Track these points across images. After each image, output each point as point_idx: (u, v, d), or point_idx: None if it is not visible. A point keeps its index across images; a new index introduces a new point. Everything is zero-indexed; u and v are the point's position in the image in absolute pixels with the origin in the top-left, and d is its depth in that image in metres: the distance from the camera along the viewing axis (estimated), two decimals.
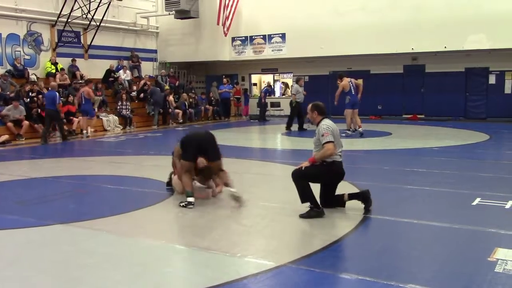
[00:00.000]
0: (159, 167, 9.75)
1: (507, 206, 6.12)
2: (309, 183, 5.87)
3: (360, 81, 14.57)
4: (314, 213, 5.73)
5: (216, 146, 6.62)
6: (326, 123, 5.95)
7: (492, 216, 5.80)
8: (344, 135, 13.61)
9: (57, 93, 14.47)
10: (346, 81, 14.02)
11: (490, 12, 16.84)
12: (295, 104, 16.15)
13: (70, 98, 16.51)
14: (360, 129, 13.94)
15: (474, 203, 6.26)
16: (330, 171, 5.93)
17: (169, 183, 7.40)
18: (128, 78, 20.41)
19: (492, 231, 5.12)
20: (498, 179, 7.88)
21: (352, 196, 6.09)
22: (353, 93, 13.97)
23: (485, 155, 10.91)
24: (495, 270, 4.05)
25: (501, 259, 4.27)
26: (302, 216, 5.73)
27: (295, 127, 16.27)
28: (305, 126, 15.79)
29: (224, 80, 22.25)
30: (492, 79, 19.20)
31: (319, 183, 6.10)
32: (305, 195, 5.81)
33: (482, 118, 19.17)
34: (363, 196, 6.00)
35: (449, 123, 17.90)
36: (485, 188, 7.10)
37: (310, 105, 6.21)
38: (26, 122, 14.85)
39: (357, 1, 19.13)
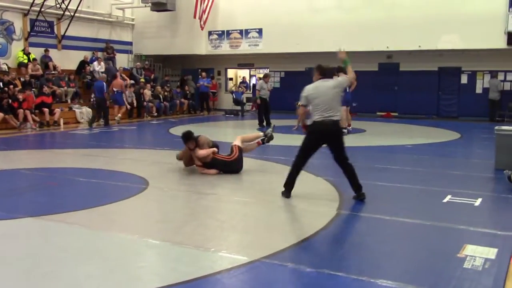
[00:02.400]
0: (133, 160, 9.69)
1: (477, 204, 6.25)
2: (302, 166, 6.41)
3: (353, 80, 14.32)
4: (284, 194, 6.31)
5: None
6: (308, 87, 6.33)
7: (462, 213, 5.92)
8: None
9: (104, 83, 16.49)
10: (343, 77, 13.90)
11: (464, 13, 17.14)
12: (259, 100, 16.16)
13: (45, 89, 16.20)
14: (349, 127, 13.90)
15: (445, 200, 6.38)
16: (311, 132, 6.16)
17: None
18: (103, 70, 20.11)
19: (461, 228, 5.23)
20: (468, 177, 8.04)
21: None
22: (348, 90, 13.89)
23: (456, 154, 11.12)
24: (464, 266, 4.14)
25: (470, 255, 4.36)
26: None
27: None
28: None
29: (203, 73, 22.13)
30: (464, 79, 19.56)
31: (312, 149, 6.37)
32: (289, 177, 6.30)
33: (454, 117, 19.51)
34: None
35: (422, 121, 18.17)
36: (455, 185, 7.24)
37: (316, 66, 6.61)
38: (0, 114, 14.51)
39: None
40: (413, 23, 17.86)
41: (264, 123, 16.11)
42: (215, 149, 7.95)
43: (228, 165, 7.90)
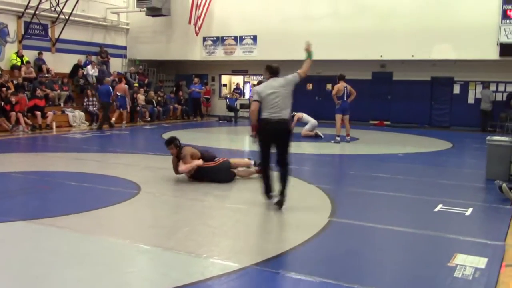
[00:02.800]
0: (125, 165, 9.65)
1: (468, 213, 6.28)
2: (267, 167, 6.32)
3: (353, 91, 14.19)
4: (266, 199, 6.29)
5: None
6: (259, 86, 6.43)
7: (453, 223, 5.95)
8: (332, 141, 13.70)
9: (110, 87, 17.02)
10: (341, 85, 13.88)
11: (457, 23, 17.28)
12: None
13: (38, 92, 16.15)
14: (348, 137, 13.89)
15: (436, 210, 6.41)
16: (260, 130, 6.16)
17: None
18: (96, 74, 20.07)
19: (452, 237, 5.25)
20: (459, 187, 8.09)
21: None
22: (345, 98, 13.88)
23: (447, 163, 11.17)
24: (454, 275, 4.16)
25: (460, 265, 4.38)
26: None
27: None
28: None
29: (195, 79, 22.12)
30: (456, 89, 19.69)
31: (267, 147, 6.27)
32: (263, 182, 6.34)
33: (446, 126, 19.63)
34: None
35: (414, 130, 18.26)
36: (446, 195, 7.27)
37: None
38: None
39: (328, 7, 19.34)
40: (407, 33, 17.99)
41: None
42: (198, 162, 7.74)
43: (215, 172, 7.76)
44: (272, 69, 6.51)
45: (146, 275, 4.23)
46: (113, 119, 17.50)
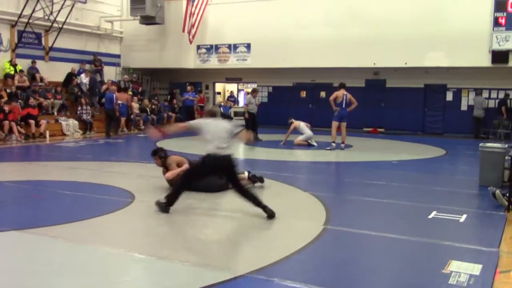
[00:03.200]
0: (119, 173, 9.63)
1: (462, 220, 6.30)
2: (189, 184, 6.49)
3: (354, 101, 14.15)
4: (162, 208, 6.25)
5: None
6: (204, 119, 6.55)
7: (447, 229, 5.96)
8: (328, 148, 13.71)
9: (114, 95, 17.49)
10: (341, 92, 13.90)
11: (449, 31, 17.40)
12: (247, 114, 16.20)
13: (31, 101, 16.09)
14: (343, 145, 13.89)
15: (430, 216, 6.42)
16: (204, 162, 6.28)
17: None
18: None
19: (447, 244, 5.26)
20: (453, 193, 8.11)
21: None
22: (343, 106, 13.89)
23: (441, 170, 11.21)
24: (449, 282, 4.16)
25: (455, 271, 4.39)
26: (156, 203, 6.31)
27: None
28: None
29: (188, 87, 22.13)
30: (449, 96, 19.80)
31: (201, 176, 6.53)
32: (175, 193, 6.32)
33: (439, 133, 19.71)
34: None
35: (408, 137, 18.31)
36: (441, 201, 7.29)
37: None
38: None
39: (321, 15, 19.42)
40: (400, 41, 18.10)
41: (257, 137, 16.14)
42: (183, 168, 7.61)
43: (201, 170, 7.58)
44: (211, 113, 6.68)
45: (140, 284, 4.21)
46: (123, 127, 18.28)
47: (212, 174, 6.62)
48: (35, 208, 6.55)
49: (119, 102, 18.04)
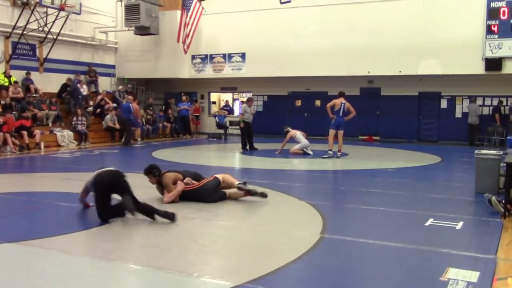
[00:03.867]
0: None
1: (458, 227, 6.30)
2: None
3: (352, 110, 14.19)
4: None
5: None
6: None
7: (444, 237, 5.96)
8: (325, 156, 13.72)
9: (130, 105, 17.84)
10: (339, 100, 13.87)
11: (442, 40, 17.53)
12: (242, 123, 16.20)
13: (25, 114, 16.04)
14: (339, 153, 13.92)
15: (426, 224, 6.42)
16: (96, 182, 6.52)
17: None
18: (85, 93, 20.02)
19: (444, 251, 5.26)
20: (449, 201, 8.12)
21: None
22: (340, 114, 13.91)
23: (437, 177, 11.23)
24: None
25: (452, 279, 4.38)
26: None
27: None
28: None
29: (184, 97, 22.16)
30: (444, 104, 19.90)
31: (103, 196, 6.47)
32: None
33: (434, 140, 19.77)
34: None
35: (403, 145, 18.36)
36: (437, 209, 7.29)
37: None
38: None
39: (315, 24, 19.54)
40: (394, 49, 18.22)
41: (248, 147, 16.13)
42: (179, 188, 7.51)
43: (199, 194, 7.54)
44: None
45: None
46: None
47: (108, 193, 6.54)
48: (30, 220, 6.50)
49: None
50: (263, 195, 7.71)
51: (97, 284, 4.30)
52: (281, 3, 18.62)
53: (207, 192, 7.52)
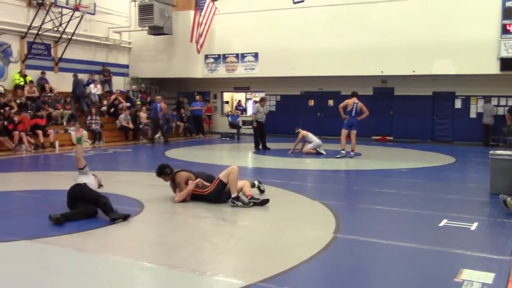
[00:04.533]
0: (128, 183, 9.65)
1: (473, 228, 6.24)
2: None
3: (365, 110, 14.10)
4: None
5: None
6: None
7: (458, 238, 5.91)
8: (338, 156, 13.71)
9: (158, 104, 18.50)
10: (351, 100, 13.87)
11: (457, 39, 17.38)
12: (255, 123, 16.21)
13: (40, 112, 16.21)
14: (352, 153, 13.90)
15: (441, 225, 6.37)
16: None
17: None
18: (99, 92, 20.19)
19: (458, 252, 5.22)
20: (464, 201, 8.05)
21: None
22: (353, 114, 13.90)
23: (451, 178, 11.14)
24: None
25: (467, 280, 4.34)
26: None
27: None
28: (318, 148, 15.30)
29: (197, 97, 22.25)
30: (458, 104, 19.72)
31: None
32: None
33: (448, 141, 19.61)
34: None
35: (417, 145, 18.24)
36: (451, 210, 7.23)
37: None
38: None
39: (328, 24, 19.48)
40: (407, 48, 18.09)
41: (260, 147, 16.13)
42: (190, 187, 7.52)
43: (205, 199, 7.55)
44: None
45: None
46: (158, 134, 19.15)
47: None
48: (45, 218, 6.55)
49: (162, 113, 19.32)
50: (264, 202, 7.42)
51: (111, 282, 4.33)
52: (294, 3, 18.58)
53: (214, 198, 7.48)
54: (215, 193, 7.48)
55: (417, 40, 17.93)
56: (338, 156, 13.73)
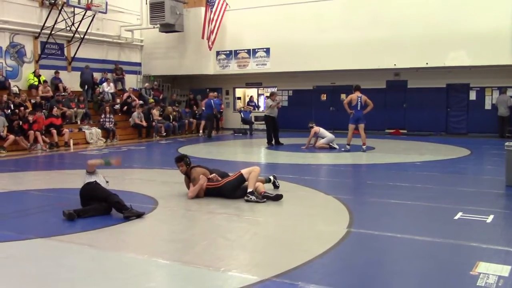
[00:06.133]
0: (141, 180, 9.71)
1: (489, 221, 6.18)
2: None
3: (370, 102, 14.16)
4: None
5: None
6: None
7: (474, 230, 5.86)
8: (343, 149, 13.77)
9: (212, 101, 19.74)
10: (355, 95, 13.92)
11: (470, 30, 17.19)
12: (268, 118, 16.22)
13: (55, 111, 16.37)
14: (364, 146, 13.86)
15: (456, 218, 6.32)
16: None
17: None
18: (112, 90, 20.31)
19: (474, 245, 5.17)
20: (480, 194, 7.97)
21: None
22: (358, 108, 13.92)
23: (466, 170, 11.04)
24: (477, 284, 4.08)
25: (483, 273, 4.30)
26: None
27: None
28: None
29: (214, 93, 22.32)
30: (472, 95, 19.52)
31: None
32: None
33: (463, 133, 19.43)
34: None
35: (431, 138, 18.10)
36: (466, 202, 7.17)
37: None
38: (11, 137, 14.61)
39: (340, 17, 19.39)
40: (420, 41, 17.93)
41: (273, 142, 16.11)
42: (201, 182, 7.53)
43: (219, 191, 7.57)
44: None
45: None
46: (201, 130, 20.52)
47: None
48: (60, 216, 6.63)
49: (203, 108, 20.45)
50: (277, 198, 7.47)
51: (126, 279, 4.36)
52: None
53: (228, 191, 7.52)
54: (231, 185, 7.50)
55: (430, 32, 17.76)
56: (343, 150, 13.79)
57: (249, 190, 7.33)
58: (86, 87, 19.59)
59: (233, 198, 7.45)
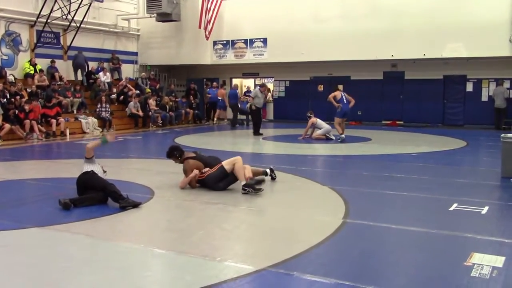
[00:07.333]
0: (138, 170, 9.71)
1: (483, 212, 6.21)
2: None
3: (351, 99, 14.54)
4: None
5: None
6: None
7: (468, 222, 5.89)
8: (339, 140, 13.93)
9: (237, 91, 20.82)
10: (338, 92, 14.61)
11: (468, 21, 17.16)
12: (253, 108, 16.28)
13: (52, 101, 16.29)
14: (343, 135, 14.09)
15: (451, 209, 6.34)
16: None
17: None
18: (108, 80, 20.23)
19: (468, 236, 5.20)
20: (475, 185, 8.01)
21: None
22: (345, 102, 14.21)
23: (462, 162, 11.08)
24: (471, 275, 4.11)
25: (477, 264, 4.33)
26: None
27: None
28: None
29: (214, 83, 22.34)
30: (469, 87, 19.54)
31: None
32: None
33: (459, 124, 19.47)
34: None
35: (427, 130, 18.13)
36: (462, 193, 7.20)
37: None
38: (7, 126, 14.56)
39: (337, 8, 19.31)
40: (418, 32, 17.90)
41: (260, 132, 16.21)
42: (192, 174, 7.51)
43: (204, 183, 7.57)
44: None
45: (161, 279, 4.24)
46: (216, 118, 21.60)
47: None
48: (56, 205, 6.63)
49: (218, 98, 21.37)
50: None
51: (123, 268, 4.37)
52: None
53: (210, 183, 7.49)
54: (213, 178, 7.46)
55: (428, 23, 17.72)
56: (339, 140, 13.89)
57: (243, 183, 7.26)
58: (79, 71, 19.53)
59: (217, 190, 7.41)
